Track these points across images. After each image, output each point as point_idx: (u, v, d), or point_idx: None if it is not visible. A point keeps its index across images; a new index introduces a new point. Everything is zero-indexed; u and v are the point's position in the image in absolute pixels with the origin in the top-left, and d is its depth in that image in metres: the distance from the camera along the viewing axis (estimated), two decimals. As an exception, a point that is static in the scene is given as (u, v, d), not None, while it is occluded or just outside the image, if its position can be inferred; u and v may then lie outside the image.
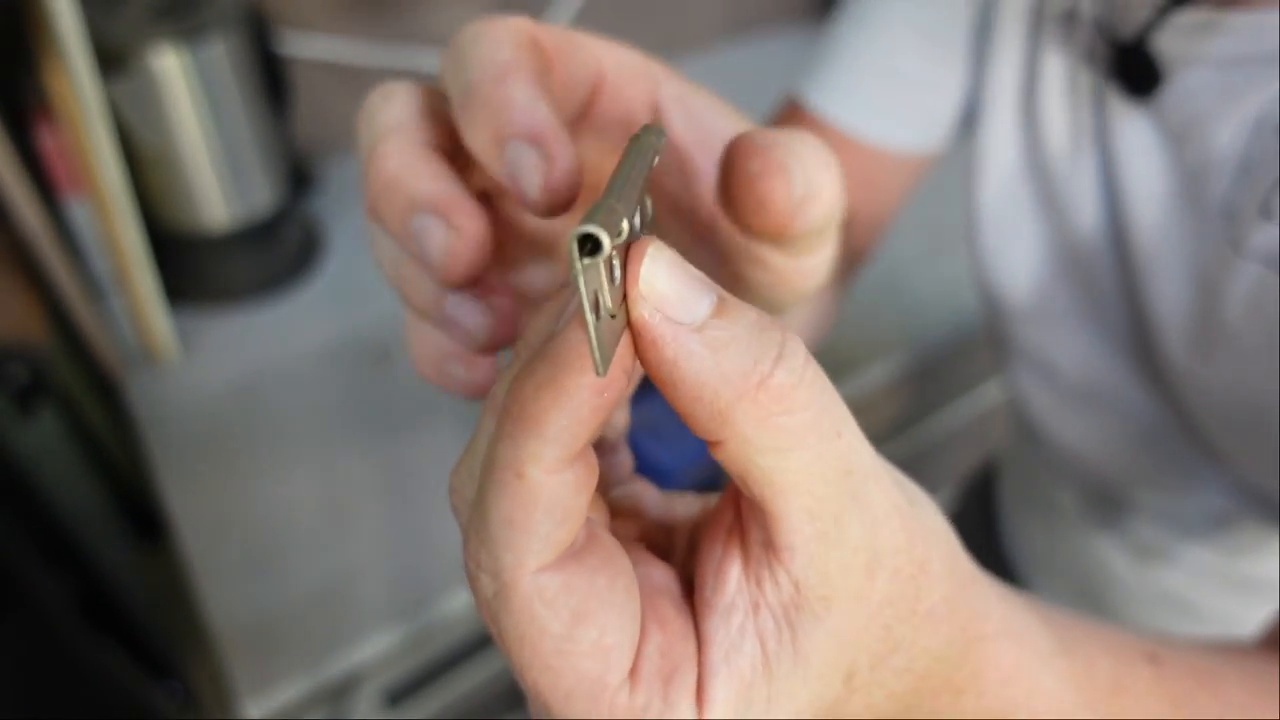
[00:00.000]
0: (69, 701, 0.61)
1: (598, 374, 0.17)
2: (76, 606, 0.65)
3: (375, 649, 0.64)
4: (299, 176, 0.97)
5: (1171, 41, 0.39)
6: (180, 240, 0.85)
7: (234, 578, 0.66)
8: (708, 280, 0.18)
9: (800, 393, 0.18)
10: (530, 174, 0.21)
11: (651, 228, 0.22)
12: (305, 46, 0.98)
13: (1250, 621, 0.50)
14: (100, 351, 0.79)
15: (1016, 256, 0.50)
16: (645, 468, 0.19)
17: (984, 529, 0.70)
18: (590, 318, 0.16)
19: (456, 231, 0.21)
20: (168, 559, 0.72)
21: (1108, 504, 0.55)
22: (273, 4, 0.94)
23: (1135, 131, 0.42)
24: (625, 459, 0.26)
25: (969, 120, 0.53)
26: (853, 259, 0.55)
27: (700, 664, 0.20)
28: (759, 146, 0.22)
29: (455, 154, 0.24)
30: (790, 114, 0.54)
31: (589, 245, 0.16)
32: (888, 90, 0.52)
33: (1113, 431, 0.50)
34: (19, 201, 0.69)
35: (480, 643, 0.72)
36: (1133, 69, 0.41)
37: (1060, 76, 0.45)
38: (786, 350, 0.18)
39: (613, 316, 0.17)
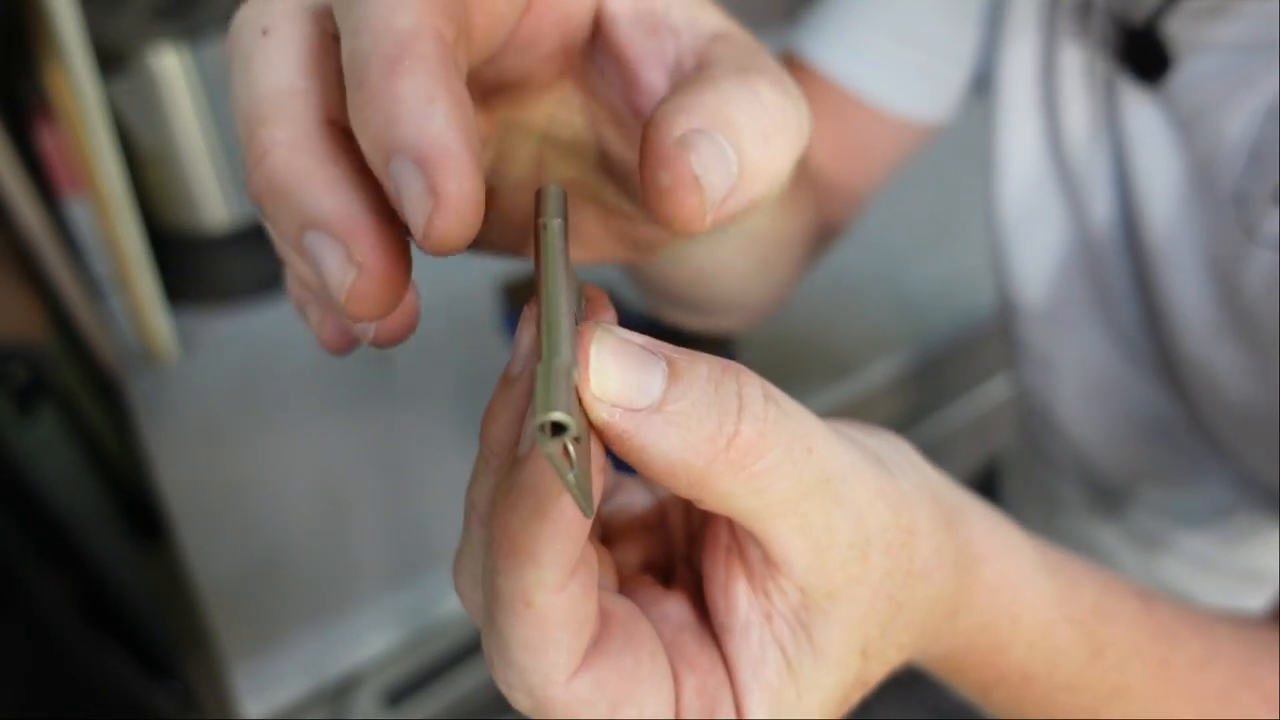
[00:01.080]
0: (68, 701, 0.61)
1: (588, 517, 0.17)
2: (75, 606, 0.65)
3: (375, 649, 0.64)
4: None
5: (1181, 27, 0.39)
6: (180, 240, 0.85)
7: (234, 577, 0.66)
8: (653, 346, 0.18)
9: (767, 435, 0.18)
10: (415, 204, 0.16)
11: (578, 293, 0.21)
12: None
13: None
14: (100, 351, 0.79)
15: (1035, 247, 0.49)
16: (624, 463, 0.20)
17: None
18: (570, 480, 0.16)
19: (359, 267, 0.17)
20: (167, 558, 0.72)
21: (1111, 496, 0.55)
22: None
23: (1146, 119, 0.42)
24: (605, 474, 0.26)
25: (978, 88, 0.51)
26: (827, 229, 0.53)
27: (733, 687, 0.21)
28: (668, 152, 0.18)
29: None
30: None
31: (555, 426, 0.16)
32: (896, 48, 0.49)
33: (1121, 425, 0.50)
34: (19, 201, 0.69)
35: (480, 643, 0.72)
36: (1142, 55, 0.41)
37: (1078, 65, 0.45)
38: (745, 398, 0.18)
39: (576, 440, 0.17)
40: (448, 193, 0.16)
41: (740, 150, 0.19)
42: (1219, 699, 0.29)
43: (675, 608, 0.22)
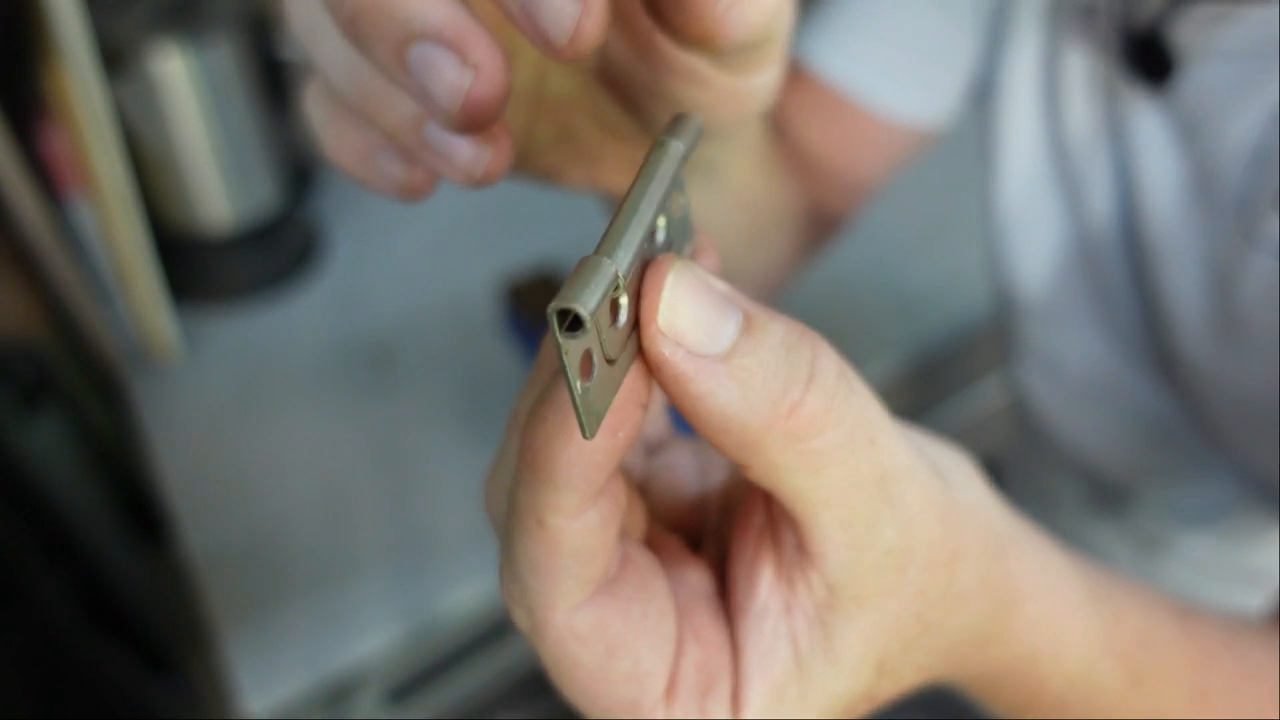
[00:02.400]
0: (71, 698, 0.61)
1: (586, 438, 0.16)
2: (79, 603, 0.65)
3: (377, 647, 0.64)
4: (301, 178, 0.97)
5: (1186, 32, 0.39)
6: (183, 241, 0.85)
7: (235, 575, 0.66)
8: (733, 296, 0.17)
9: (833, 413, 0.17)
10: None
11: (686, 233, 0.20)
12: (307, 48, 0.98)
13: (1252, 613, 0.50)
14: (103, 351, 0.79)
15: (1033, 248, 0.50)
16: (682, 419, 0.19)
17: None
18: (577, 387, 0.15)
19: (474, 70, 0.17)
20: (169, 557, 0.72)
21: (1111, 497, 0.55)
22: (276, 6, 0.94)
23: (1149, 123, 0.42)
24: (662, 423, 0.25)
25: (976, 99, 0.52)
26: (826, 223, 0.53)
27: (735, 672, 0.20)
28: None
29: None
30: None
31: (572, 318, 0.15)
32: (893, 52, 0.49)
33: (1120, 424, 0.50)
34: (22, 202, 0.69)
35: (482, 641, 0.72)
36: (1146, 59, 0.41)
37: (1081, 68, 0.45)
38: (817, 369, 0.17)
39: (610, 363, 0.16)
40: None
41: None
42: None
43: (697, 576, 0.21)
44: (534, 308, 0.80)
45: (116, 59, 0.75)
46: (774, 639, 0.20)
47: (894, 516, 0.19)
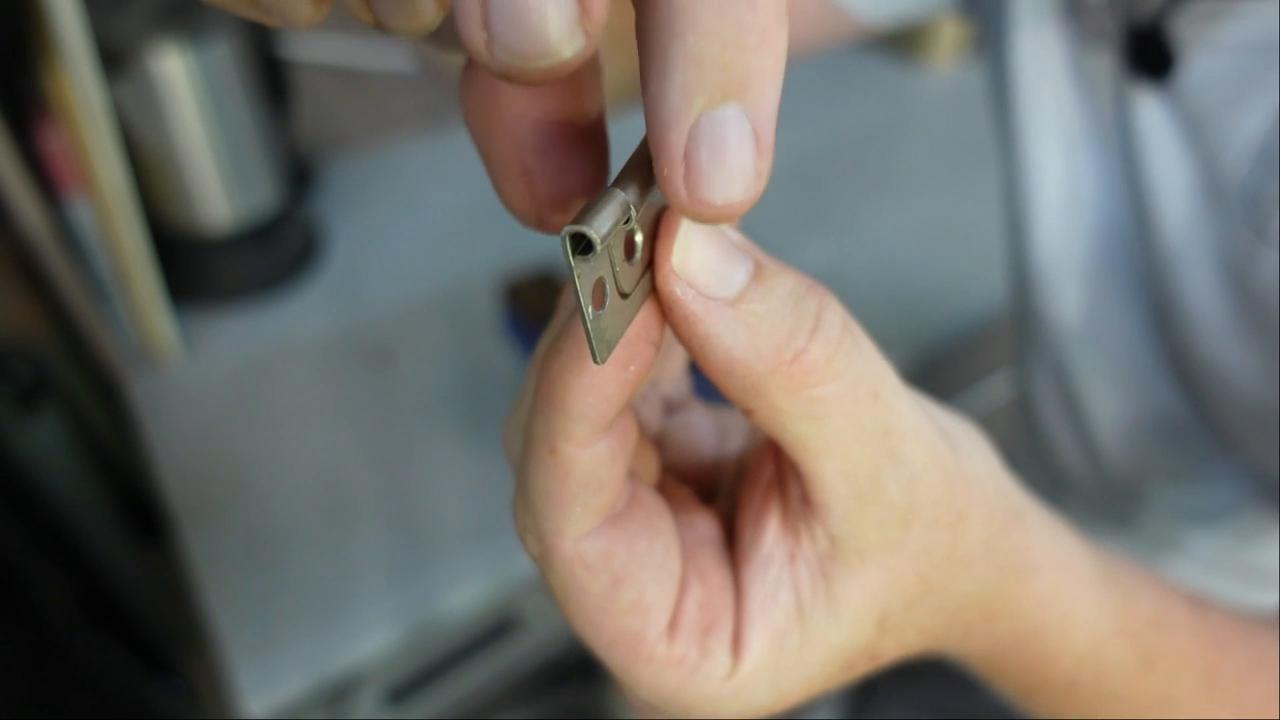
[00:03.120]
0: (70, 698, 0.61)
1: (597, 364, 0.17)
2: (78, 604, 0.65)
3: (376, 647, 0.64)
4: (301, 177, 0.97)
5: (1187, 26, 0.39)
6: (182, 240, 0.85)
7: (235, 576, 0.66)
8: (746, 245, 0.18)
9: (836, 363, 0.18)
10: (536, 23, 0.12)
11: None
12: (307, 48, 0.98)
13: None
14: (102, 351, 0.79)
15: (1049, 244, 0.49)
16: (704, 386, 0.20)
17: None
18: (589, 312, 0.16)
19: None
20: (168, 557, 0.72)
21: (1118, 495, 0.55)
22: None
23: (1154, 118, 0.42)
24: (684, 384, 0.26)
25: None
26: None
27: (737, 615, 0.20)
28: (689, 198, 0.15)
29: None
30: None
31: (584, 243, 0.15)
32: None
33: (1133, 420, 0.50)
34: (21, 202, 0.69)
35: (482, 641, 0.72)
36: (1147, 52, 0.41)
37: (1088, 64, 0.45)
38: (822, 320, 0.18)
39: (624, 297, 0.17)
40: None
41: (758, 115, 0.14)
42: (1264, 707, 0.28)
43: (704, 522, 0.22)
44: (533, 307, 0.80)
45: (116, 59, 0.75)
46: (777, 586, 0.20)
47: (897, 472, 0.19)
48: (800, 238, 0.96)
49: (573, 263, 0.15)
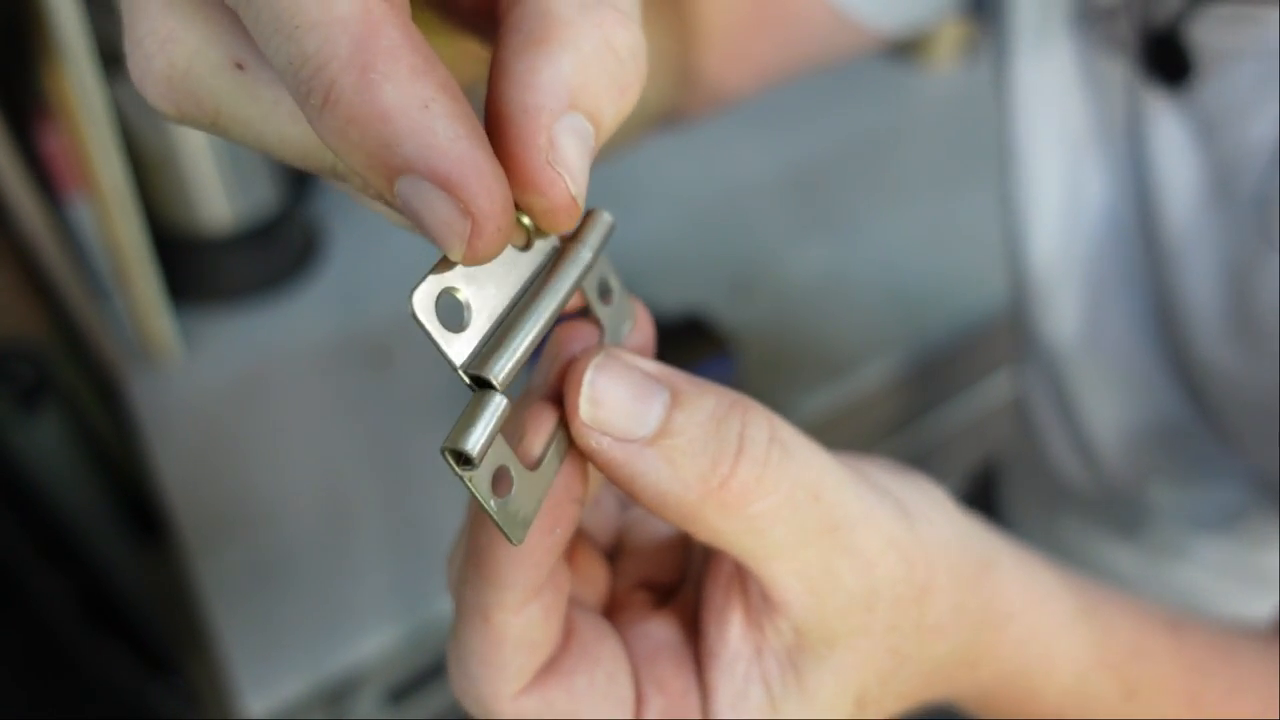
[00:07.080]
0: (70, 698, 0.61)
1: (515, 545, 0.17)
2: (78, 604, 0.65)
3: (376, 647, 0.64)
4: (300, 177, 0.97)
5: (1205, 32, 0.39)
6: (182, 240, 0.85)
7: (235, 576, 0.66)
8: (661, 374, 0.18)
9: (766, 480, 0.18)
10: (447, 225, 0.14)
11: (625, 311, 0.20)
12: (306, 47, 0.98)
13: (1260, 617, 0.50)
14: (102, 351, 0.79)
15: (1050, 245, 0.49)
16: None
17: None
18: (491, 506, 0.16)
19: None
20: (168, 557, 0.72)
21: (1118, 502, 0.55)
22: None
23: (1167, 123, 0.42)
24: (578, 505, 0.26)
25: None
26: (704, 91, 0.50)
27: (706, 715, 0.20)
28: (537, 175, 0.16)
29: None
30: None
31: (465, 456, 0.16)
32: None
33: (1133, 425, 0.50)
34: (21, 202, 0.69)
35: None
36: (1165, 59, 0.41)
37: (1101, 69, 0.45)
38: (746, 439, 0.18)
39: (535, 467, 0.17)
40: (482, 210, 0.14)
41: (599, 124, 0.16)
42: None
43: (660, 627, 0.22)
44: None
45: (116, 59, 0.75)
46: (746, 683, 0.20)
47: (852, 563, 0.19)
48: (801, 239, 0.96)
49: (460, 473, 0.16)
